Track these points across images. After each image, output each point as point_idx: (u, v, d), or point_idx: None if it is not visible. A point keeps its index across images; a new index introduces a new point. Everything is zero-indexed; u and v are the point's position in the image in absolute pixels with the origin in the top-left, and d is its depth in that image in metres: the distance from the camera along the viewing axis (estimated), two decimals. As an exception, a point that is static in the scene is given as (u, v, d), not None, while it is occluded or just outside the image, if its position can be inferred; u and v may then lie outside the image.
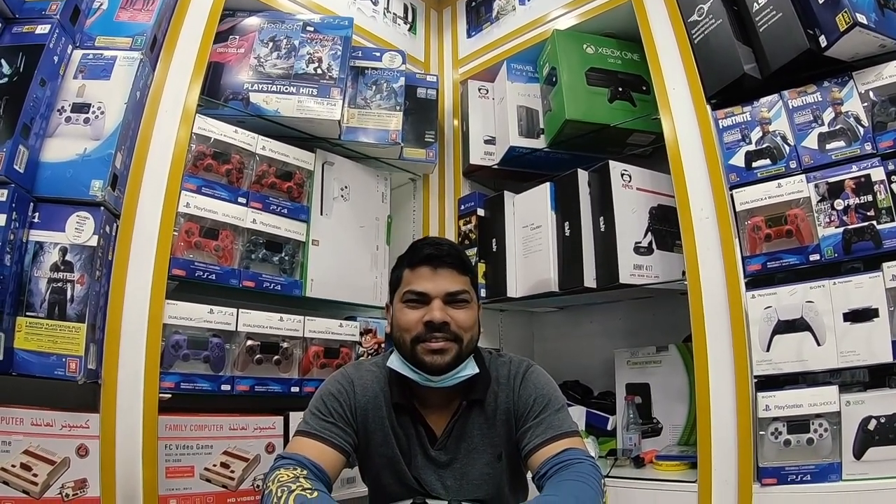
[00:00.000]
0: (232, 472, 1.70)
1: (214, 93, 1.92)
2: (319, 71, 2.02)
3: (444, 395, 1.46)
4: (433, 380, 1.40)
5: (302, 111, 1.97)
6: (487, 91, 2.53)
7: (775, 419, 1.56)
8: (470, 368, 1.44)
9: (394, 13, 2.57)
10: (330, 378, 1.53)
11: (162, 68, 1.74)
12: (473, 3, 2.67)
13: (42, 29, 1.51)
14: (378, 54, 2.28)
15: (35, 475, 1.39)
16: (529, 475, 1.43)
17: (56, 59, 1.53)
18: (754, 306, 1.65)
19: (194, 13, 1.84)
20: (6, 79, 1.45)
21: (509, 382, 1.47)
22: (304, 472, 1.26)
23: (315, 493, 1.18)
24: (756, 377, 1.62)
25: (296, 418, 1.82)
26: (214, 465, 1.68)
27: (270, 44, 2.02)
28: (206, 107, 1.86)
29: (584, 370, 2.47)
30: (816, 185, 1.63)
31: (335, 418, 1.40)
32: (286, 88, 1.97)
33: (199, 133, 1.79)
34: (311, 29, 2.07)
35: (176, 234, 1.70)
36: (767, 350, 1.61)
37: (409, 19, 2.64)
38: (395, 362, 1.45)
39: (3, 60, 1.47)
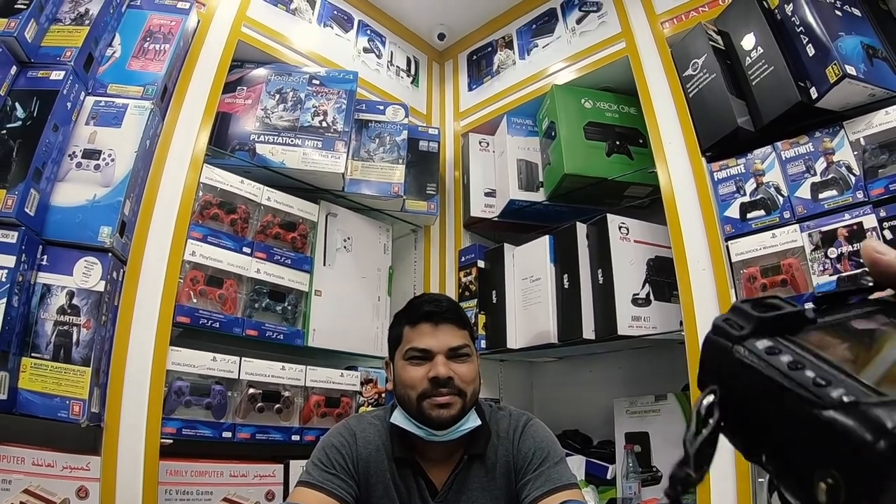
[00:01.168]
0: (231, 519, 1.68)
1: (222, 143, 1.96)
2: (324, 124, 2.07)
3: (445, 449, 1.47)
4: (437, 434, 1.40)
5: (307, 163, 2.01)
6: (488, 144, 2.58)
7: (774, 468, 1.56)
8: (472, 421, 1.45)
9: (397, 66, 2.63)
10: (332, 430, 1.52)
11: (171, 117, 1.78)
12: (475, 57, 2.74)
13: (56, 75, 1.55)
14: (382, 107, 2.34)
15: (36, 515, 1.38)
16: None
17: (69, 105, 1.57)
18: (751, 357, 1.65)
19: (204, 64, 1.89)
20: (20, 122, 1.49)
21: (509, 436, 1.48)
22: None
23: None
24: (754, 424, 1.62)
25: (296, 466, 1.83)
26: (214, 512, 1.66)
27: (277, 96, 2.07)
28: (214, 156, 1.90)
29: (583, 419, 2.45)
30: (810, 235, 1.65)
31: (337, 469, 1.40)
32: (292, 140, 2.01)
33: (206, 182, 1.83)
34: (317, 82, 2.12)
35: (181, 281, 1.72)
36: (770, 397, 1.61)
37: (412, 72, 2.71)
38: (398, 418, 1.45)
39: (17, 104, 1.50)
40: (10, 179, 1.42)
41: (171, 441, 1.61)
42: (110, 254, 1.52)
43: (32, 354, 1.41)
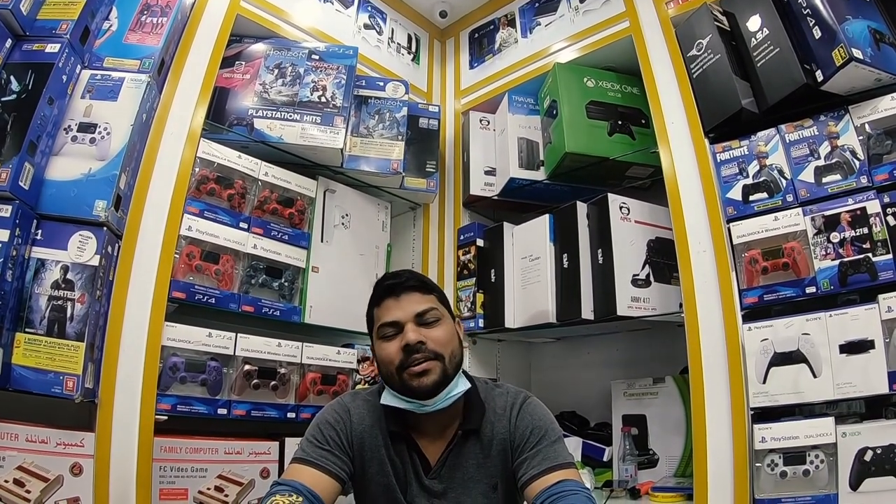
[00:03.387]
0: (226, 496, 1.68)
1: (219, 117, 1.94)
2: (323, 99, 2.05)
3: (439, 424, 1.46)
4: (426, 404, 1.39)
5: (305, 139, 1.99)
6: (489, 122, 2.55)
7: (771, 451, 1.56)
8: (461, 385, 1.45)
9: (398, 43, 2.61)
10: (327, 407, 1.53)
11: (168, 91, 1.76)
12: (476, 35, 2.71)
13: (52, 48, 1.53)
14: (382, 84, 2.31)
15: (28, 491, 1.37)
16: None
17: (65, 78, 1.55)
18: (751, 339, 1.65)
19: (202, 38, 1.87)
20: (15, 96, 1.47)
21: (506, 413, 1.47)
22: (300, 498, 1.25)
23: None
24: (752, 409, 1.62)
25: (291, 444, 1.82)
26: (209, 489, 1.66)
27: (276, 71, 2.04)
28: (211, 131, 1.88)
29: (580, 401, 2.45)
30: (813, 219, 1.64)
31: (331, 446, 1.40)
32: (290, 115, 2.00)
33: (203, 157, 1.81)
34: (317, 57, 2.10)
35: (177, 256, 1.71)
36: (764, 382, 1.61)
37: (413, 49, 2.68)
38: (388, 398, 1.45)
39: (12, 77, 1.48)
40: (4, 153, 1.40)
41: (165, 417, 1.61)
42: (105, 228, 1.51)
43: (26, 329, 1.41)
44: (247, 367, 1.80)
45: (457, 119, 2.65)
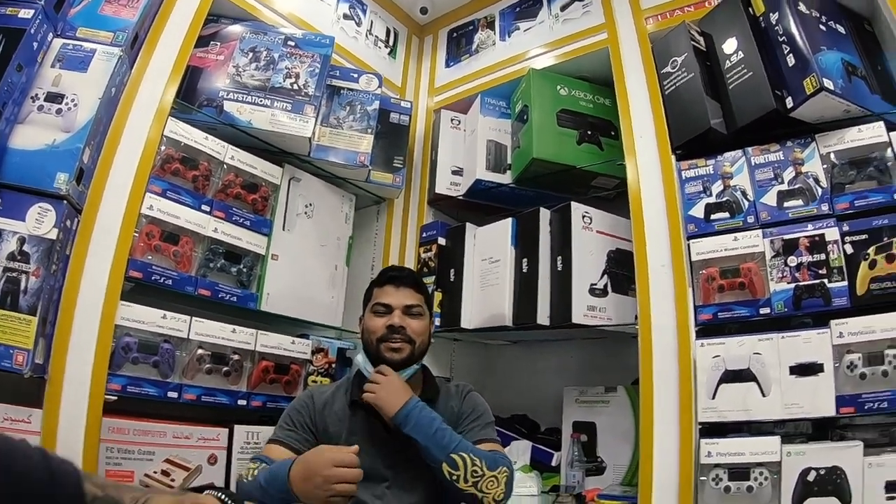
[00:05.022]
0: (172, 480, 1.66)
1: (189, 97, 1.91)
2: (296, 86, 2.03)
3: None
4: None
5: (274, 125, 1.97)
6: (459, 122, 2.56)
7: (717, 465, 1.59)
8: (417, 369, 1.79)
9: (376, 36, 2.60)
10: (296, 398, 1.80)
11: (140, 66, 1.72)
12: (455, 34, 2.72)
13: (25, 13, 1.48)
14: (355, 75, 2.30)
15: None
16: None
17: (35, 45, 1.51)
18: (703, 354, 1.69)
19: (179, 15, 1.83)
20: (-17, 61, 1.42)
21: (456, 395, 1.81)
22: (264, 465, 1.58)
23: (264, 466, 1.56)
24: (700, 424, 1.65)
25: (241, 431, 1.84)
26: (155, 472, 1.64)
27: (250, 54, 2.02)
28: (180, 110, 1.85)
29: (532, 405, 2.47)
30: (772, 241, 1.68)
31: (297, 427, 1.70)
32: (261, 100, 1.97)
33: (170, 136, 1.78)
34: (292, 44, 2.08)
35: (136, 235, 1.68)
36: (713, 398, 1.65)
37: (391, 43, 2.67)
38: (360, 361, 1.77)
39: (-18, 40, 1.44)
40: (-33, 117, 1.36)
41: (115, 398, 1.58)
42: (65, 201, 1.48)
43: (-23, 300, 1.37)
44: (200, 351, 1.78)
45: (428, 116, 2.65)
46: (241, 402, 1.86)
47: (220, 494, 0.90)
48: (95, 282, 1.56)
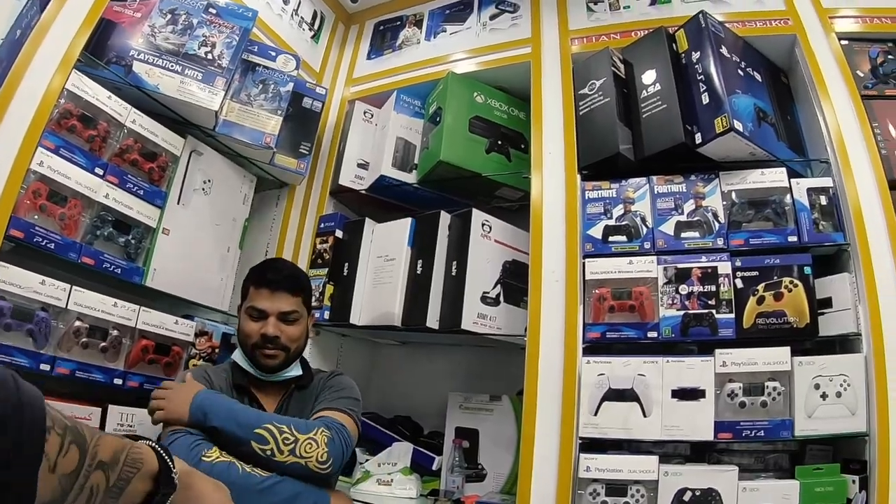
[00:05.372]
0: (39, 460, 1.54)
1: (98, 52, 1.78)
2: (210, 56, 1.94)
3: (275, 386, 1.78)
4: (264, 376, 1.74)
5: (182, 93, 1.88)
6: (372, 116, 2.54)
7: (595, 480, 1.65)
8: (295, 371, 1.79)
9: (301, 17, 2.53)
10: (187, 374, 1.69)
11: (51, 12, 1.59)
12: (381, 27, 2.69)
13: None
14: (273, 54, 2.22)
15: None
16: None
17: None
18: (588, 371, 1.75)
19: (100, -38, 1.70)
20: None
21: (325, 380, 1.80)
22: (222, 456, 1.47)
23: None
24: (581, 438, 1.71)
25: (115, 412, 1.73)
26: (21, 450, 1.51)
27: (169, 16, 1.91)
28: (86, 64, 1.72)
29: (417, 407, 2.48)
30: (665, 269, 1.77)
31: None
32: (172, 66, 1.87)
33: (71, 90, 1.65)
34: (214, 12, 1.98)
35: (22, 192, 1.55)
36: (595, 414, 1.71)
37: (315, 27, 2.61)
38: (238, 356, 1.77)
39: None
40: None
41: (-19, 367, 1.44)
42: (-51, 146, 1.34)
43: None
44: (78, 323, 1.67)
45: (342, 106, 2.61)
46: (118, 381, 1.76)
47: (152, 444, 0.87)
48: (-29, 237, 1.42)
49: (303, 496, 1.47)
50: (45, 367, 1.59)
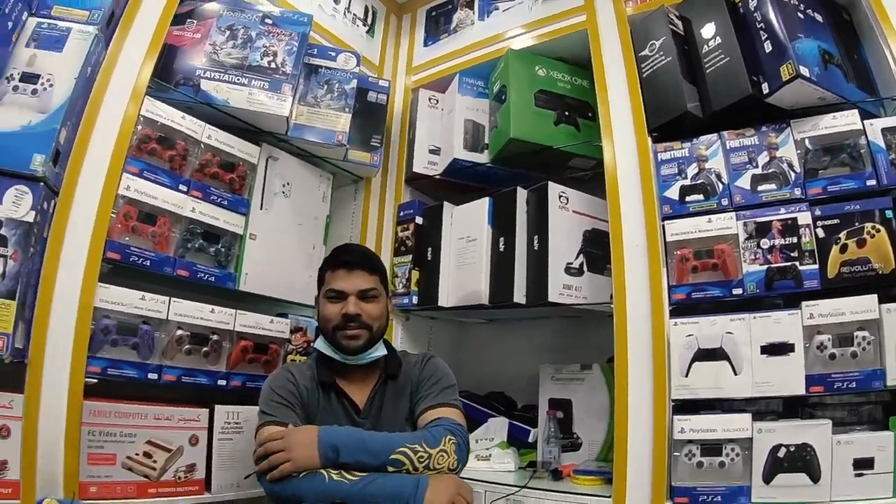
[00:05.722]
0: (154, 461, 1.67)
1: (166, 76, 1.88)
2: (273, 65, 2.01)
3: (362, 373, 1.75)
4: (350, 359, 1.71)
5: (251, 103, 1.96)
6: (437, 101, 2.55)
7: (690, 441, 1.64)
8: (379, 351, 1.75)
9: (354, 14, 2.58)
10: (272, 377, 1.70)
11: (116, 45, 1.70)
12: (434, 13, 2.70)
13: (-1, -10, 1.46)
14: (333, 54, 2.28)
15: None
16: None
17: (10, 24, 1.49)
18: (676, 333, 1.72)
19: (153, -7, 1.80)
20: (-46, 41, 1.40)
21: (417, 366, 1.78)
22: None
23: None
24: (673, 401, 1.69)
25: (221, 412, 1.84)
26: (137, 454, 1.65)
27: (227, 32, 1.99)
28: (156, 89, 1.83)
29: (509, 382, 2.51)
30: (745, 224, 1.72)
31: (291, 404, 1.61)
32: (238, 79, 1.95)
33: (147, 116, 1.76)
34: (270, 22, 2.05)
35: (114, 216, 1.67)
36: (686, 376, 1.69)
37: (369, 21, 2.65)
38: (321, 344, 1.76)
39: (-47, 22, 1.41)
40: (-58, 99, 1.34)
41: (95, 381, 1.58)
42: (42, 183, 1.46)
43: (-46, 286, 1.36)
44: (179, 331, 1.78)
45: (406, 95, 2.64)
46: (221, 382, 1.87)
47: None
48: (73, 264, 1.56)
49: (405, 485, 1.44)
50: (152, 375, 1.72)
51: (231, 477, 1.83)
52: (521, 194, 2.15)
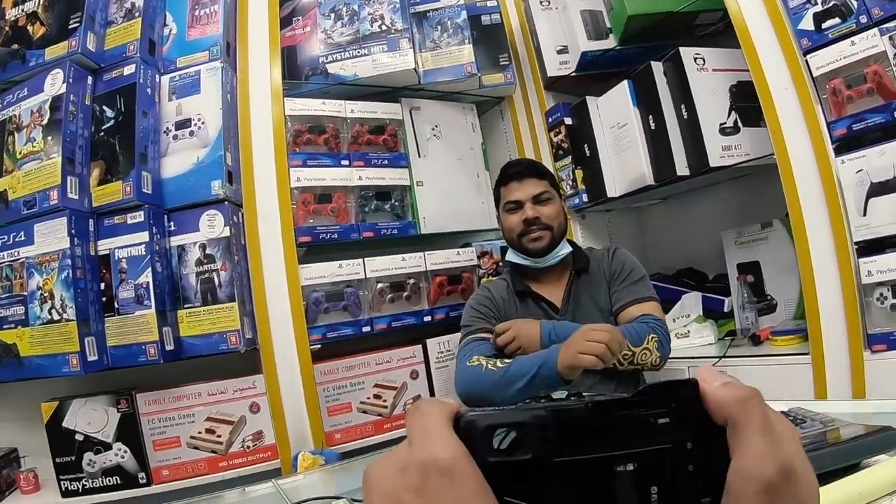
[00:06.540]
0: (384, 401, 1.95)
1: (295, 74, 2.08)
2: (384, 27, 2.14)
3: (553, 274, 1.88)
4: (539, 261, 1.84)
5: (378, 68, 2.10)
6: (549, 2, 2.51)
7: (879, 284, 1.56)
8: (566, 249, 1.88)
9: (443, -58, 2.60)
10: (471, 298, 1.92)
11: (242, 67, 1.93)
12: (520, -83, 2.63)
13: (129, 69, 1.73)
14: (435, -5, 2.34)
15: (219, 436, 1.70)
16: None
17: (149, 90, 1.76)
18: (845, 171, 1.63)
19: (255, 9, 2.00)
20: (112, 121, 1.71)
21: (604, 257, 1.89)
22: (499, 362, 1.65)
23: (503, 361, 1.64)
24: (856, 243, 1.61)
25: (433, 345, 2.06)
26: (369, 398, 1.93)
27: (332, 15, 2.14)
28: (291, 89, 2.04)
29: (695, 256, 2.49)
30: (891, 37, 1.56)
31: (487, 317, 1.82)
32: (358, 52, 2.11)
33: (291, 114, 1.99)
34: (367, -12, 2.17)
35: (294, 206, 1.92)
36: (864, 214, 1.60)
37: (459, -54, 2.66)
38: (511, 256, 1.91)
39: (104, 106, 1.72)
40: (121, 170, 1.65)
41: (319, 346, 1.87)
42: (226, 202, 1.74)
43: (185, 306, 1.69)
44: (379, 285, 2.02)
45: (518, 7, 2.63)
46: (427, 319, 2.10)
47: None
48: (274, 257, 1.85)
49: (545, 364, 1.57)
50: (366, 328, 1.99)
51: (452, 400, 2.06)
52: (657, 67, 2.10)
